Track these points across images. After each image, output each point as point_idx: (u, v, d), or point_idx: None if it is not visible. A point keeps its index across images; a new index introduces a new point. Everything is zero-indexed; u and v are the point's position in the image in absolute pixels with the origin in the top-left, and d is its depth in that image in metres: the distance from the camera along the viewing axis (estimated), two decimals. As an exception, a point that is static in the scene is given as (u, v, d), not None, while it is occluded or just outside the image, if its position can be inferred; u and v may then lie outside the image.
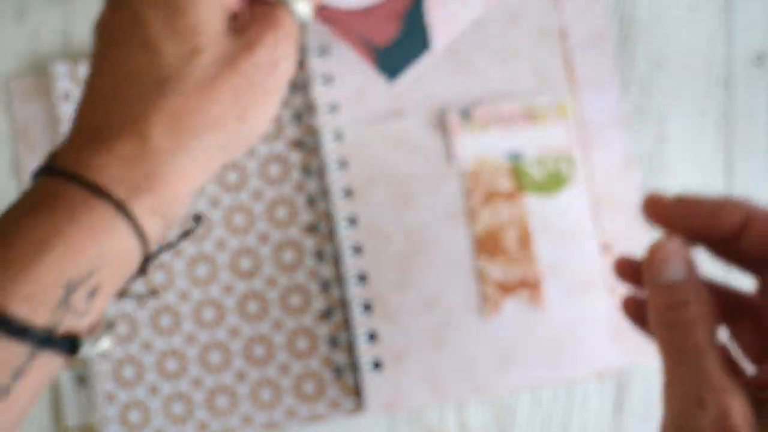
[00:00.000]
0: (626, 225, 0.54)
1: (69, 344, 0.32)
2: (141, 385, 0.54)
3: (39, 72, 0.56)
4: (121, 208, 0.32)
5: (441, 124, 0.53)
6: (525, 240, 0.53)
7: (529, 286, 0.53)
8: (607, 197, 0.54)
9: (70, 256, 0.31)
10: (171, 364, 0.54)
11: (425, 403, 0.54)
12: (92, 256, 0.32)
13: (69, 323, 0.32)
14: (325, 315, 0.54)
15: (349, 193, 0.53)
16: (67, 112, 0.55)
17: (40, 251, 0.31)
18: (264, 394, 0.54)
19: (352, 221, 0.53)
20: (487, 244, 0.53)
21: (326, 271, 0.54)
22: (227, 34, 0.36)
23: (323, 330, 0.54)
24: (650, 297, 0.39)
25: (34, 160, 0.56)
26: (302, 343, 0.54)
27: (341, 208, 0.53)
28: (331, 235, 0.54)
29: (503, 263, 0.53)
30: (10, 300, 0.30)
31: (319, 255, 0.54)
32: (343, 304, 0.54)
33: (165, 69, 0.34)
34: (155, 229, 0.34)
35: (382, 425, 0.55)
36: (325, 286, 0.54)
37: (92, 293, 0.32)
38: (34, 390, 0.32)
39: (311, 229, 0.54)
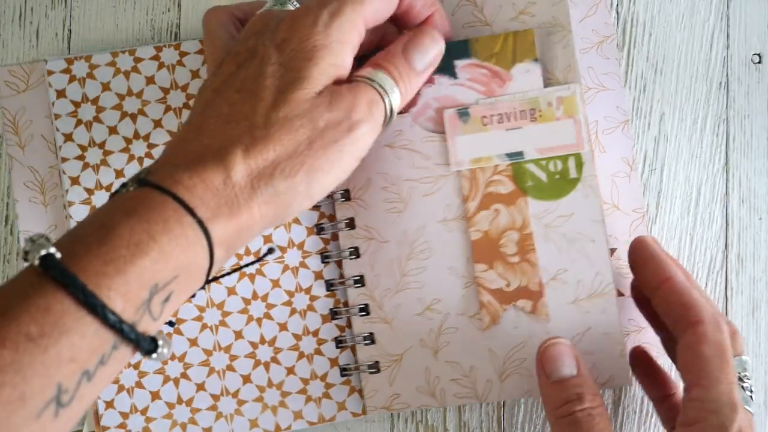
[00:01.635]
0: (628, 228, 0.54)
1: (149, 343, 0.35)
2: (142, 390, 0.54)
3: (31, 65, 0.56)
4: (203, 227, 0.37)
5: (439, 124, 0.51)
6: (526, 246, 0.50)
7: (529, 296, 0.50)
8: (608, 200, 0.54)
9: (160, 261, 0.35)
10: (173, 369, 0.54)
11: (423, 408, 0.53)
12: (175, 266, 0.36)
13: (144, 325, 0.35)
14: (331, 316, 0.54)
15: (346, 194, 0.52)
16: (62, 109, 0.55)
17: (138, 254, 0.34)
18: (269, 396, 0.54)
19: (350, 223, 0.52)
20: (485, 250, 0.50)
21: (331, 272, 0.54)
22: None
23: (329, 331, 0.54)
24: (545, 395, 0.46)
25: (24, 156, 0.55)
26: (308, 345, 0.54)
27: (340, 210, 0.52)
28: (334, 236, 0.54)
29: (502, 271, 0.50)
30: (110, 294, 0.33)
31: (325, 256, 0.54)
32: (347, 305, 0.53)
33: (259, 115, 0.39)
34: (222, 255, 0.38)
35: (383, 426, 0.55)
36: (330, 287, 0.54)
37: (167, 299, 0.36)
38: (104, 381, 0.35)
39: (316, 229, 0.54)
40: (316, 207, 0.54)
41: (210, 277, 0.39)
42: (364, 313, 0.52)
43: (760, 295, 0.56)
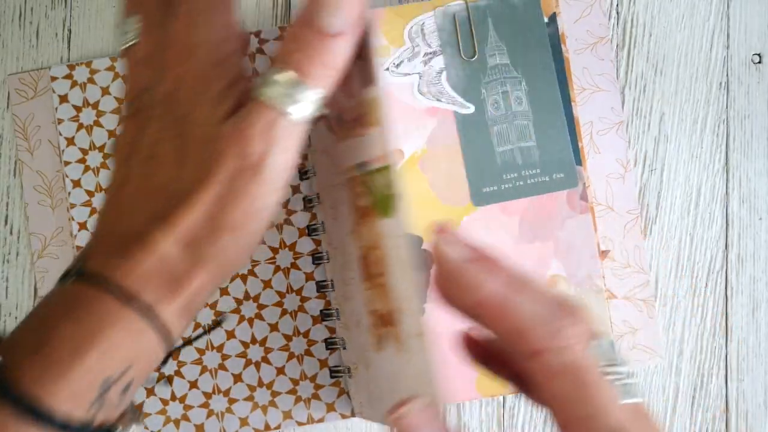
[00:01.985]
0: (622, 229, 0.54)
1: (110, 428, 0.35)
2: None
3: (39, 72, 0.57)
4: (150, 313, 0.35)
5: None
6: (382, 268, 0.40)
7: (391, 323, 0.40)
8: (603, 201, 0.54)
9: (106, 358, 0.33)
10: (167, 367, 0.54)
11: (374, 420, 0.50)
12: (125, 357, 0.34)
13: (104, 414, 0.34)
14: (322, 317, 0.54)
15: (317, 198, 0.51)
16: (64, 113, 0.56)
17: (79, 354, 0.33)
18: (259, 395, 0.54)
19: (321, 227, 0.51)
20: (365, 268, 0.43)
21: (322, 273, 0.54)
22: None
23: (320, 332, 0.54)
24: None
25: (33, 160, 0.56)
26: (298, 346, 0.54)
27: (318, 212, 0.52)
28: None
29: (374, 293, 0.42)
30: (53, 398, 0.32)
31: (317, 257, 0.54)
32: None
33: (171, 185, 0.36)
34: (182, 325, 0.37)
35: (383, 425, 0.55)
36: (320, 289, 0.54)
37: (126, 388, 0.35)
38: None
39: (308, 230, 0.54)
40: (309, 209, 0.54)
41: (172, 349, 0.37)
42: (336, 318, 0.51)
43: (760, 295, 0.55)
